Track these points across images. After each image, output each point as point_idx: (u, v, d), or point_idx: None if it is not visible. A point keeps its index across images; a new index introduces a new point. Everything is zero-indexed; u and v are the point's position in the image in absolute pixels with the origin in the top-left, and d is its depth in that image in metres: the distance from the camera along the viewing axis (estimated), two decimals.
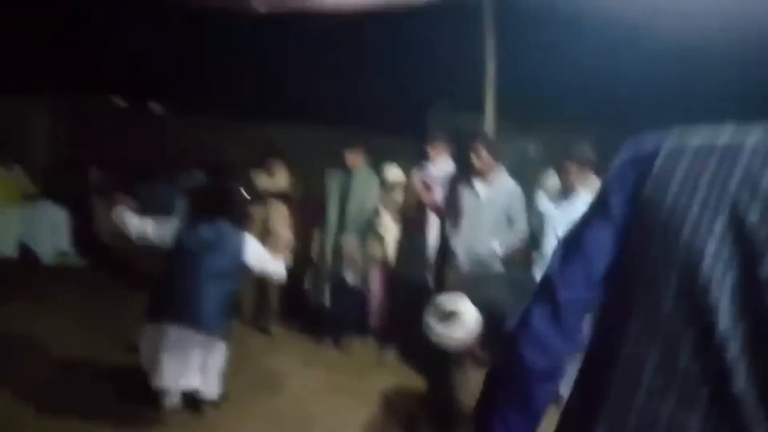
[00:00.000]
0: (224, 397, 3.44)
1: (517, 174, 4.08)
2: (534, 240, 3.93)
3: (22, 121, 7.32)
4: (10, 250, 5.20)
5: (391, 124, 5.72)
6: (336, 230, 4.57)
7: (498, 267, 3.82)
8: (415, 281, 4.22)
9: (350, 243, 4.52)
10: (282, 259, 3.64)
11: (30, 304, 4.58)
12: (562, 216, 3.70)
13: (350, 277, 4.52)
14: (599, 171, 3.89)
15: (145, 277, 5.43)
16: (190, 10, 4.52)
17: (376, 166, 4.66)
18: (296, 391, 3.84)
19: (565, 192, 3.91)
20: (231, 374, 3.84)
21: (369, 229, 4.51)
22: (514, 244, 3.87)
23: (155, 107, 8.94)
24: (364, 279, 4.59)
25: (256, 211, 4.68)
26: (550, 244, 3.70)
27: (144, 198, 6.87)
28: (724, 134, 0.84)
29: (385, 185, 4.51)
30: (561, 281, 0.93)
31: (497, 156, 3.91)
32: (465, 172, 4.03)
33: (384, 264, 4.53)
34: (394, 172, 4.54)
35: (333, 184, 4.60)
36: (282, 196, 4.74)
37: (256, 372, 4.03)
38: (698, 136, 0.86)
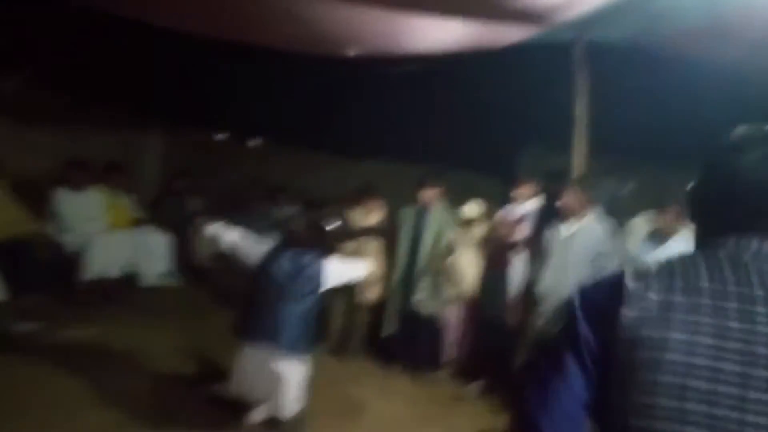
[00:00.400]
0: (303, 419, 3.53)
1: (609, 216, 4.00)
2: None
3: (133, 154, 8.05)
4: (115, 272, 5.63)
5: (479, 163, 5.79)
6: (406, 265, 4.67)
7: None
8: (496, 318, 4.20)
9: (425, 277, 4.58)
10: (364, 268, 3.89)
11: (132, 321, 4.97)
12: (654, 260, 3.57)
13: (424, 310, 4.56)
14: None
15: (237, 297, 5.76)
16: (286, 53, 4.84)
17: (459, 203, 4.73)
18: (377, 419, 3.89)
19: (660, 235, 3.81)
20: (312, 398, 3.98)
21: (443, 265, 4.57)
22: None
23: (254, 142, 9.48)
24: (439, 313, 4.61)
25: (348, 246, 4.83)
26: None
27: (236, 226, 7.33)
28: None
29: (463, 221, 4.57)
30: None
31: (587, 198, 3.86)
32: (553, 213, 4.00)
33: (461, 299, 4.55)
34: (472, 208, 4.59)
35: (405, 220, 4.73)
36: (374, 232, 4.87)
37: (338, 398, 4.12)
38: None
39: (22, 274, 4.58)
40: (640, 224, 4.18)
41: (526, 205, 4.36)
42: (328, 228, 4.58)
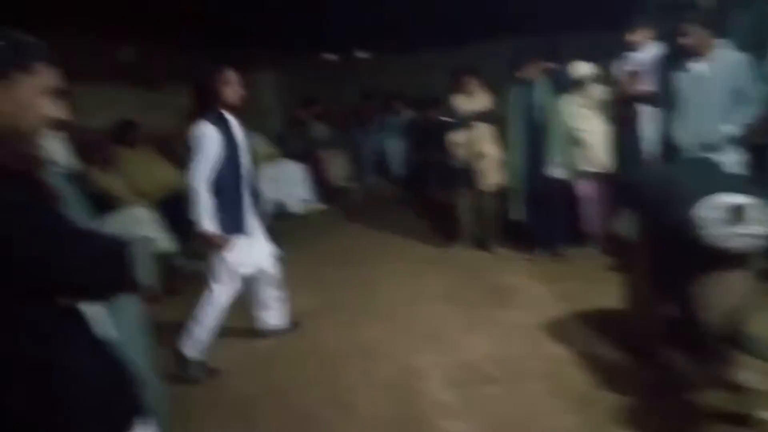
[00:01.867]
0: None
1: (744, 50, 3.54)
2: None
3: (254, 93, 8.52)
4: (268, 207, 6.19)
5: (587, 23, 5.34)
6: (521, 144, 4.58)
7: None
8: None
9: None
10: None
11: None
12: None
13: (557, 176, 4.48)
14: None
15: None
16: None
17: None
18: (527, 302, 4.01)
19: None
20: (464, 290, 4.22)
21: (565, 136, 4.39)
22: (749, 121, 3.42)
23: (361, 55, 9.55)
24: (572, 183, 4.50)
25: (462, 135, 4.82)
26: None
27: (360, 143, 7.63)
28: None
29: (575, 85, 4.32)
30: None
31: (715, 30, 3.44)
32: (678, 53, 3.64)
33: (593, 167, 4.40)
34: (582, 67, 4.30)
35: (514, 99, 4.56)
36: (483, 116, 4.79)
37: (486, 287, 4.29)
38: None
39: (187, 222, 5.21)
40: None
41: (646, 51, 3.99)
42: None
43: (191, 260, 4.52)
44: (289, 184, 6.50)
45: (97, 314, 1.78)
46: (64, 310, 1.36)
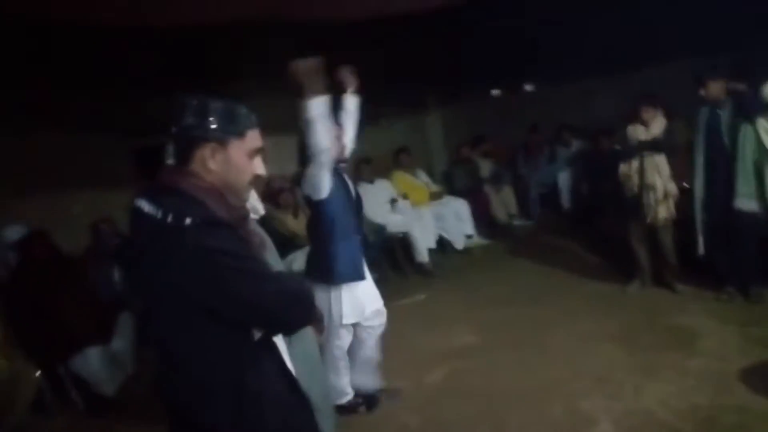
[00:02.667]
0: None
1: None
2: None
3: (422, 133, 8.95)
4: (432, 243, 6.42)
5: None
6: (704, 172, 4.27)
7: None
8: None
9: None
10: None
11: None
12: None
13: (746, 209, 4.07)
14: None
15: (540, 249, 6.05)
16: None
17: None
18: (711, 346, 3.69)
19: None
20: (640, 330, 4.02)
21: (756, 164, 3.99)
22: None
23: (528, 88, 9.55)
24: (762, 220, 4.06)
25: (633, 165, 4.61)
26: None
27: (527, 177, 7.58)
28: None
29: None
30: None
31: None
32: None
33: None
34: None
35: (700, 122, 4.25)
36: (655, 145, 4.54)
37: (667, 329, 4.04)
38: None
39: None
40: None
41: None
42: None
43: None
44: (452, 220, 6.66)
45: (280, 345, 2.06)
46: (259, 342, 1.59)
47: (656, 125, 4.57)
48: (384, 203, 6.30)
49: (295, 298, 1.59)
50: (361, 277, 3.22)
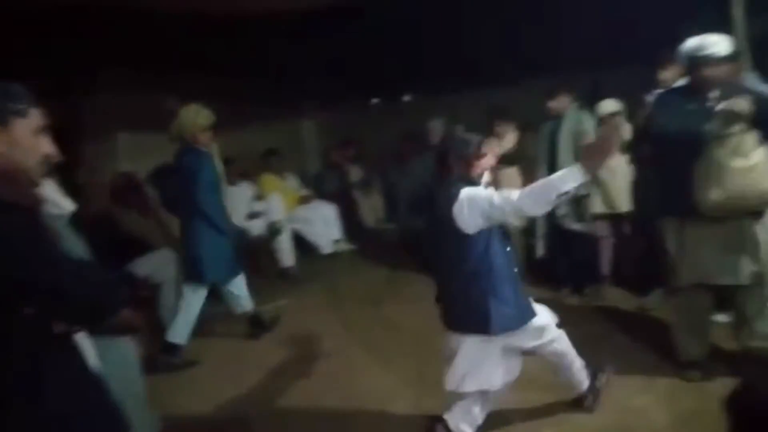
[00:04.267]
0: None
1: None
2: None
3: (296, 136, 8.93)
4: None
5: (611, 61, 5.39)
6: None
7: None
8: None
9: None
10: None
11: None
12: None
13: (574, 225, 4.46)
14: None
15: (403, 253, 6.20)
16: None
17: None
18: None
19: None
20: None
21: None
22: None
23: (406, 98, 9.83)
24: (591, 225, 4.48)
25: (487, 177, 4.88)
26: None
27: (397, 183, 7.76)
28: None
29: (602, 119, 4.35)
30: None
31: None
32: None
33: (613, 208, 4.38)
34: (607, 105, 4.34)
35: (542, 136, 4.61)
36: (507, 159, 4.86)
37: None
38: None
39: None
40: None
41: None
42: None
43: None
44: (320, 224, 6.69)
45: (88, 348, 1.94)
46: (58, 337, 1.52)
47: (509, 139, 4.88)
48: (245, 207, 6.20)
49: (96, 286, 1.56)
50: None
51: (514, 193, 2.44)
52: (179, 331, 4.14)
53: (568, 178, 2.35)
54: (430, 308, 4.42)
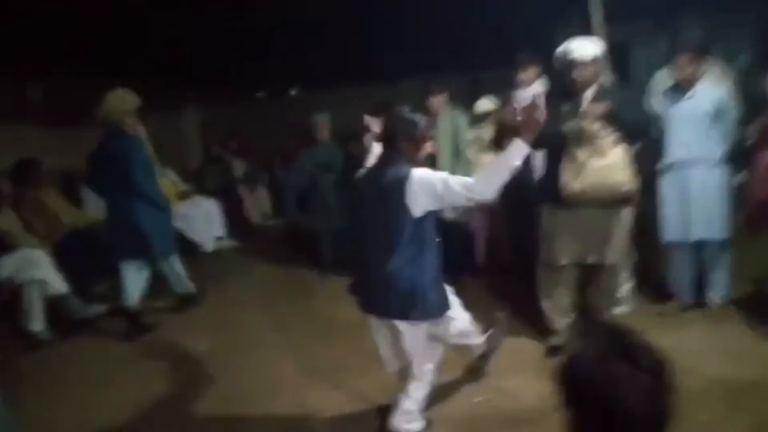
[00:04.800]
0: None
1: None
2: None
3: (176, 129, 8.54)
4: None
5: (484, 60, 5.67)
6: None
7: None
8: (524, 215, 4.16)
9: None
10: None
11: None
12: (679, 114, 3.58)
13: (449, 214, 4.68)
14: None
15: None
16: None
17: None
18: None
19: (681, 88, 3.63)
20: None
21: (461, 168, 4.61)
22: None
23: (292, 92, 9.72)
24: (463, 220, 4.73)
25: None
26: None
27: (283, 178, 7.68)
28: None
29: (478, 118, 4.58)
30: None
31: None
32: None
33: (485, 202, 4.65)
34: (483, 104, 4.57)
35: None
36: None
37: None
38: None
39: (89, 263, 5.12)
40: (661, 79, 4.01)
41: (532, 88, 4.24)
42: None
43: (86, 304, 4.44)
44: (202, 221, 6.47)
45: None
46: None
47: None
48: None
49: None
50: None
51: (468, 178, 2.47)
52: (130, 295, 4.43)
53: (514, 153, 2.43)
54: (319, 306, 4.47)
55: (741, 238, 3.81)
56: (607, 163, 3.18)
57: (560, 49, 3.31)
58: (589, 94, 3.27)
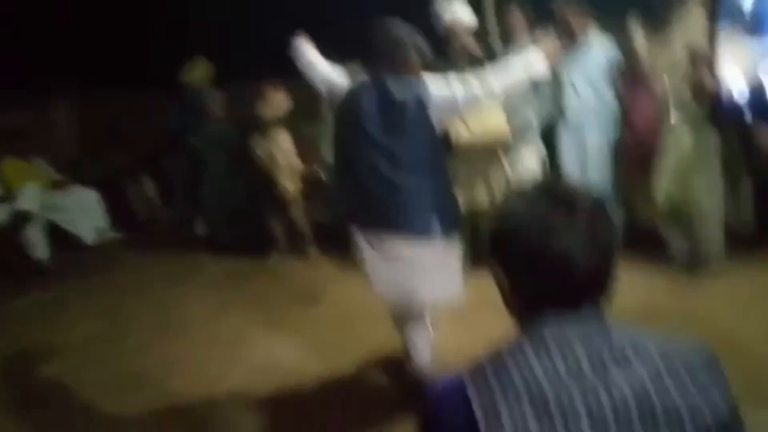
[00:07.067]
0: None
1: None
2: None
3: (46, 117, 7.83)
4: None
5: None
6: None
7: None
8: None
9: None
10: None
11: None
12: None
13: None
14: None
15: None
16: None
17: None
18: (333, 298, 4.08)
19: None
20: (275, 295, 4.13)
21: None
22: None
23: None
24: None
25: (261, 143, 4.83)
26: None
27: (168, 169, 7.25)
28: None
29: None
30: None
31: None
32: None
33: None
34: None
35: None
36: (281, 122, 4.83)
37: (297, 289, 4.30)
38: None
39: None
40: None
41: None
42: None
43: None
44: (79, 212, 5.93)
45: None
46: None
47: (279, 102, 4.83)
48: None
49: None
50: None
51: (481, 80, 2.45)
52: None
53: (531, 61, 2.49)
54: (221, 295, 4.26)
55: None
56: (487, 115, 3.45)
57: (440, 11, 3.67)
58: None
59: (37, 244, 5.40)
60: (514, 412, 0.83)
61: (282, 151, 4.85)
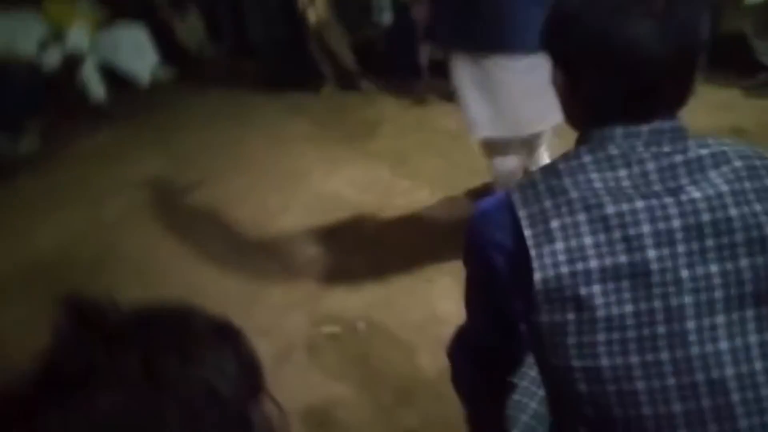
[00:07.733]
0: None
1: None
2: None
3: None
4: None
5: None
6: None
7: None
8: None
9: None
10: None
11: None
12: None
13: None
14: None
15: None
16: None
17: None
18: (389, 132, 3.99)
19: None
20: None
21: None
22: None
23: None
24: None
25: None
26: None
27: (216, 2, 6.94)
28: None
29: None
30: None
31: None
32: None
33: None
34: None
35: None
36: None
37: (353, 123, 4.22)
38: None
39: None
40: None
41: None
42: None
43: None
44: (131, 49, 5.83)
45: None
46: None
47: None
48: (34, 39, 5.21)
49: None
50: None
51: None
52: None
53: None
54: (276, 130, 4.24)
55: None
56: None
57: None
58: None
59: (93, 85, 5.42)
60: (566, 222, 0.75)
61: None
